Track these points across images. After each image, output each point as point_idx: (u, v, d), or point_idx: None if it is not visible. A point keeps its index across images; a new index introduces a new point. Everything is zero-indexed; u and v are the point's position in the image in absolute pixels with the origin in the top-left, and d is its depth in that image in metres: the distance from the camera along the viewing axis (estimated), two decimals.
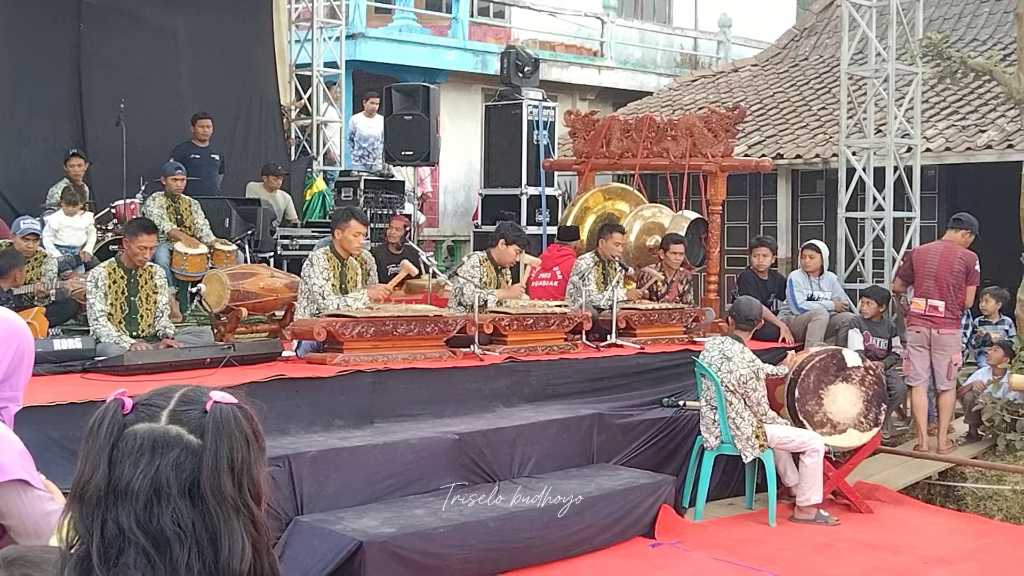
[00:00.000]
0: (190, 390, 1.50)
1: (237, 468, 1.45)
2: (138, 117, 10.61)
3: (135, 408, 1.46)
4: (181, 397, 1.48)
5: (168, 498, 1.41)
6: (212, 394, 1.49)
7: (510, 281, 8.55)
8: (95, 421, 1.46)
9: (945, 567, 6.56)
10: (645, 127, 10.49)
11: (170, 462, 1.42)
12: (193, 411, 1.47)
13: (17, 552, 1.61)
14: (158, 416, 1.46)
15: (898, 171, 10.84)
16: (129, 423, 1.45)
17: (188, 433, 1.44)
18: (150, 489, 1.41)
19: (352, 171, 13.01)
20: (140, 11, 11.74)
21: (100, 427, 1.45)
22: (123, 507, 1.40)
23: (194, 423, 1.45)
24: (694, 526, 7.04)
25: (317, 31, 13.89)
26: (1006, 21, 14.89)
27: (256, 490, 1.47)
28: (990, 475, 8.49)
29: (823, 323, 9.41)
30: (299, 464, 5.77)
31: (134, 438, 1.43)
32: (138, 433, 1.44)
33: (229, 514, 1.43)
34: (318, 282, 7.38)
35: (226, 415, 1.47)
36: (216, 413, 1.46)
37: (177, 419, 1.45)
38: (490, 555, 5.81)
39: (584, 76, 18.08)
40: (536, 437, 6.97)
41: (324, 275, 7.41)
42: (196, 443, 1.44)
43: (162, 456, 1.42)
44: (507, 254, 8.34)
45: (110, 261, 7.48)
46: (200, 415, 1.46)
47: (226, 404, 1.48)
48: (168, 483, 1.41)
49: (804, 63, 16.88)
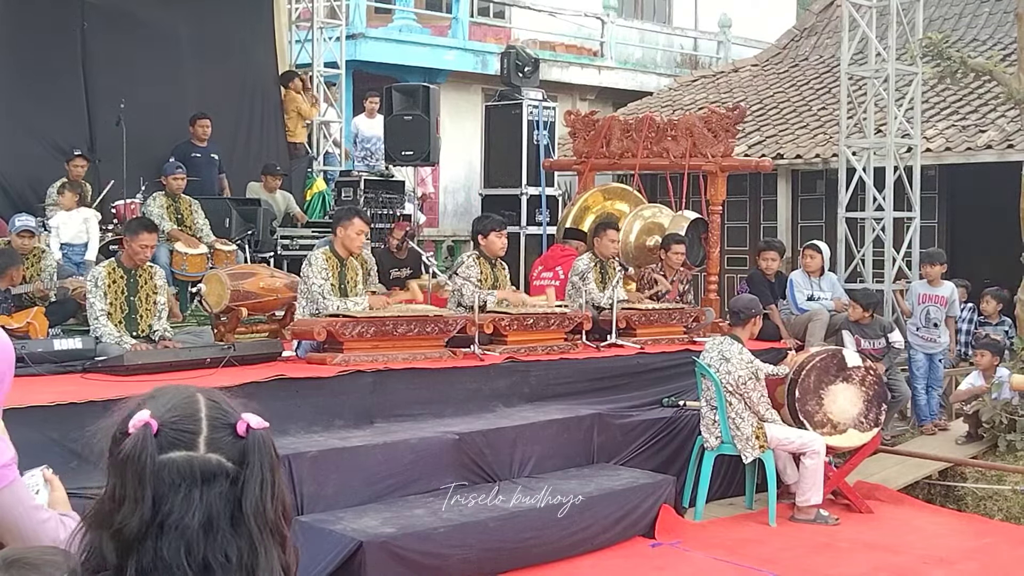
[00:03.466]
0: (212, 409, 1.47)
1: (276, 494, 1.44)
2: (140, 117, 10.61)
3: (160, 431, 1.42)
4: (211, 420, 1.45)
5: (217, 528, 1.39)
6: (245, 418, 1.46)
7: (508, 275, 8.55)
8: (129, 452, 1.40)
9: (945, 567, 6.55)
10: (645, 127, 10.49)
11: (218, 493, 1.40)
12: (227, 436, 1.44)
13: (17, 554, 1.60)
14: (195, 444, 1.42)
15: (898, 171, 10.84)
16: (163, 449, 1.41)
17: (227, 461, 1.43)
18: (203, 521, 1.39)
19: (352, 171, 13.02)
20: (142, 11, 11.74)
21: (139, 458, 1.39)
22: (168, 538, 1.38)
23: (230, 449, 1.43)
24: (694, 526, 7.03)
25: (317, 31, 13.89)
26: (1006, 21, 14.90)
27: (287, 512, 1.47)
28: (990, 475, 8.49)
29: (823, 323, 9.41)
30: (299, 464, 5.76)
31: (177, 469, 1.40)
32: (179, 463, 1.40)
33: (268, 540, 1.42)
34: (317, 282, 7.37)
35: (266, 441, 1.45)
36: (258, 440, 1.45)
37: (216, 447, 1.43)
38: (490, 555, 5.81)
39: (584, 76, 18.08)
40: (536, 437, 6.97)
41: (323, 275, 7.40)
42: (234, 470, 1.42)
43: (210, 488, 1.40)
44: (491, 244, 8.34)
45: (110, 261, 7.47)
46: (232, 439, 1.44)
47: (261, 430, 1.46)
48: (219, 515, 1.40)
49: (804, 63, 16.88)
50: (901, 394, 9.18)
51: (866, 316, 9.08)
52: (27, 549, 1.66)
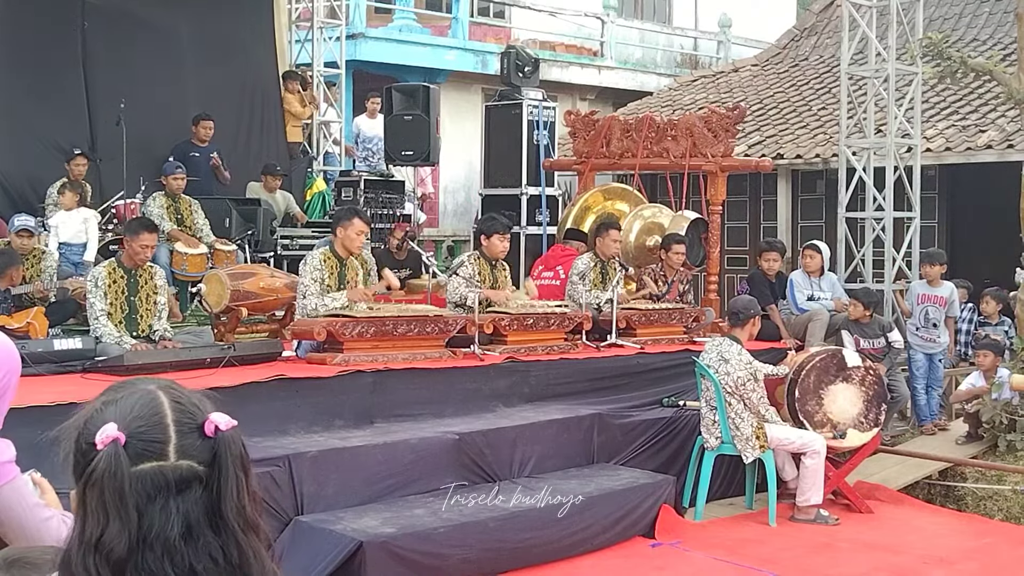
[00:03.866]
0: (178, 412, 1.44)
1: (251, 488, 1.44)
2: (141, 117, 10.61)
3: (128, 443, 1.39)
4: (178, 426, 1.42)
5: (199, 534, 1.38)
6: (212, 418, 1.44)
7: (508, 275, 8.56)
8: (104, 471, 1.37)
9: (945, 567, 6.55)
10: (645, 127, 10.49)
11: (194, 499, 1.39)
12: (195, 440, 1.42)
13: (17, 553, 1.61)
14: (165, 453, 1.40)
15: (898, 171, 10.84)
16: (133, 461, 1.38)
17: (198, 465, 1.41)
18: (183, 529, 1.38)
19: (352, 171, 13.02)
20: (142, 11, 11.75)
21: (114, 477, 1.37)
22: (154, 552, 1.37)
23: (200, 453, 1.41)
24: (694, 526, 7.03)
25: (317, 31, 13.90)
26: (1006, 21, 14.90)
27: (259, 506, 1.46)
28: (990, 475, 8.49)
29: (823, 323, 9.41)
30: (299, 464, 5.76)
31: (151, 481, 1.38)
32: (151, 474, 1.38)
33: (252, 535, 1.42)
34: (304, 280, 7.34)
35: (234, 441, 1.44)
36: (227, 440, 1.43)
37: (186, 453, 1.41)
38: (490, 555, 5.81)
39: (584, 76, 18.08)
40: (536, 437, 6.97)
41: (314, 274, 7.35)
42: (205, 472, 1.41)
43: (186, 495, 1.39)
44: (493, 246, 8.35)
45: (110, 261, 7.46)
46: (200, 441, 1.42)
47: (228, 430, 1.44)
48: (198, 520, 1.39)
49: (804, 63, 16.88)
50: (900, 394, 9.18)
51: (866, 315, 9.08)
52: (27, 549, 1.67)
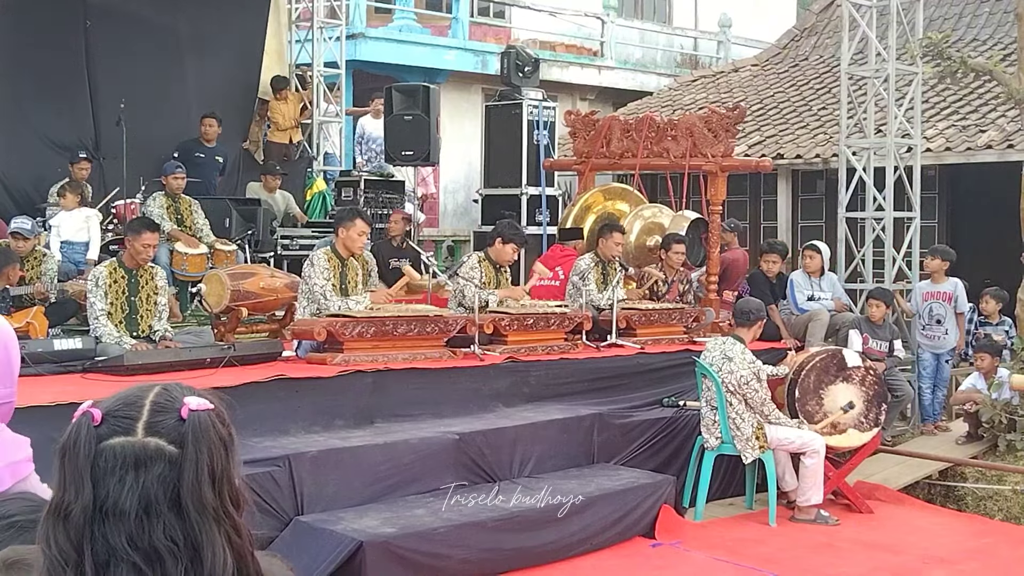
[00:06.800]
0: (160, 395, 1.45)
1: (217, 476, 1.41)
2: (142, 117, 10.61)
3: (105, 420, 1.41)
4: (153, 406, 1.43)
5: (159, 513, 1.38)
6: (187, 400, 1.44)
7: (510, 280, 8.56)
8: (69, 439, 1.41)
9: (945, 567, 6.56)
10: (645, 127, 10.48)
11: (155, 477, 1.39)
12: (168, 420, 1.42)
13: (17, 555, 1.60)
14: (133, 429, 1.41)
15: (898, 171, 10.83)
16: (103, 437, 1.40)
17: (167, 444, 1.40)
18: (139, 506, 1.38)
19: (352, 171, 13.02)
20: (144, 11, 11.76)
21: (75, 445, 1.40)
22: (112, 525, 1.37)
23: (172, 433, 1.41)
24: (694, 526, 7.04)
25: (317, 31, 13.89)
26: (1006, 21, 14.89)
27: (236, 496, 1.44)
28: (990, 475, 8.50)
29: (823, 323, 9.42)
30: (299, 464, 5.76)
31: (113, 455, 1.39)
32: (116, 449, 1.39)
33: (211, 524, 1.40)
34: (319, 282, 7.38)
35: (204, 423, 1.43)
36: (194, 422, 1.42)
37: (154, 431, 1.41)
38: (490, 555, 5.81)
39: (584, 76, 18.08)
40: (536, 437, 6.97)
41: (325, 275, 7.41)
42: (176, 453, 1.40)
43: (147, 471, 1.38)
44: (505, 253, 8.34)
45: (111, 261, 7.47)
46: (176, 423, 1.42)
47: (203, 411, 1.43)
48: (157, 499, 1.38)
49: (804, 63, 16.88)
50: (904, 393, 9.16)
51: (887, 313, 9.10)
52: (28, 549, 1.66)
